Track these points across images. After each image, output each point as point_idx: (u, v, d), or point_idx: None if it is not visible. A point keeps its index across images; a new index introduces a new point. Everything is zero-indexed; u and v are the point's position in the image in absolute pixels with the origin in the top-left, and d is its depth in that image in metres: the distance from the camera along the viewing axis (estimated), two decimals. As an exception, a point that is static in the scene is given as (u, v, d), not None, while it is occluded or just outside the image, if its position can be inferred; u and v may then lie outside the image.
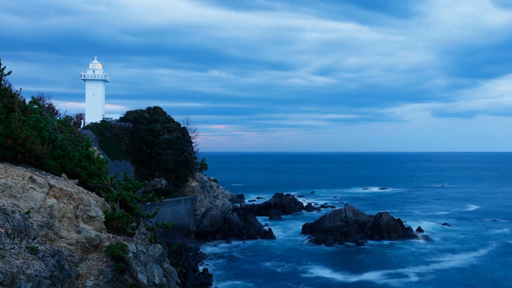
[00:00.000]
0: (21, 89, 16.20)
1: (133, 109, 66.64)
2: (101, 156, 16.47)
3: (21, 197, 11.57)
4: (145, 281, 11.97)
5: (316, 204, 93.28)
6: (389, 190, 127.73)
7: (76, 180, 14.86)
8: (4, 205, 10.44)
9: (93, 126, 60.90)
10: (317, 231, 61.17)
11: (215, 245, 55.61)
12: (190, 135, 69.97)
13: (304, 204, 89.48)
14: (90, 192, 14.07)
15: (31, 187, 11.88)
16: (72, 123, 20.50)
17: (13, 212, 10.43)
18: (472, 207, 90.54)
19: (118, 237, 12.73)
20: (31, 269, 9.18)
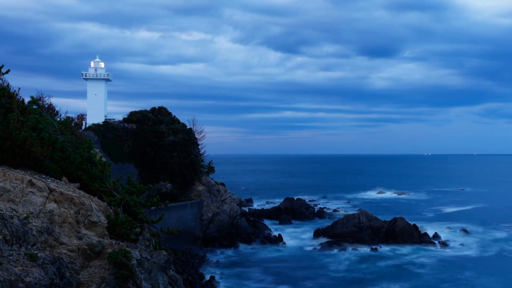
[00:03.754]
0: (19, 88, 16.21)
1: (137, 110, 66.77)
2: (103, 159, 16.47)
3: (19, 201, 11.56)
4: (149, 290, 11.92)
5: (328, 208, 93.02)
6: (404, 194, 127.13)
7: (77, 184, 14.85)
8: (2, 210, 10.42)
9: (95, 127, 61.05)
10: (329, 236, 60.97)
11: (222, 252, 55.54)
12: (196, 136, 70.01)
13: (316, 209, 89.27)
14: (92, 196, 14.06)
15: (30, 191, 11.87)
16: (73, 124, 20.53)
17: (12, 217, 10.42)
18: (493, 212, 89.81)
19: (121, 243, 12.69)
20: (30, 277, 9.15)
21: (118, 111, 65.55)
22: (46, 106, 50.30)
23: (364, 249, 56.36)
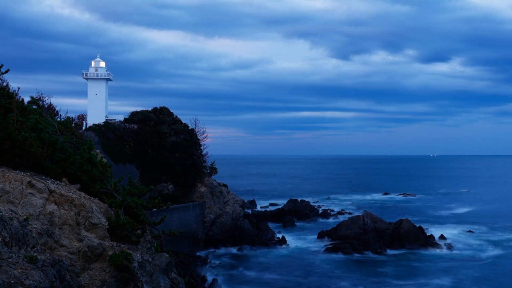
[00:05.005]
0: (19, 88, 16.18)
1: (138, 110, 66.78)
2: (104, 160, 16.44)
3: (19, 203, 11.54)
4: (151, 293, 11.89)
5: (333, 210, 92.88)
6: (409, 195, 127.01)
7: (78, 185, 14.83)
8: (1, 212, 10.41)
9: (95, 128, 61.12)
10: (333, 239, 60.88)
11: (225, 254, 55.51)
12: (198, 137, 70.02)
13: (320, 211, 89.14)
14: (92, 198, 14.04)
15: (30, 193, 11.85)
16: (73, 125, 20.52)
17: (11, 219, 10.40)
18: (499, 213, 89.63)
19: (122, 245, 12.66)
20: (30, 280, 9.13)
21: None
22: (46, 106, 50.39)
23: (369, 252, 56.25)
